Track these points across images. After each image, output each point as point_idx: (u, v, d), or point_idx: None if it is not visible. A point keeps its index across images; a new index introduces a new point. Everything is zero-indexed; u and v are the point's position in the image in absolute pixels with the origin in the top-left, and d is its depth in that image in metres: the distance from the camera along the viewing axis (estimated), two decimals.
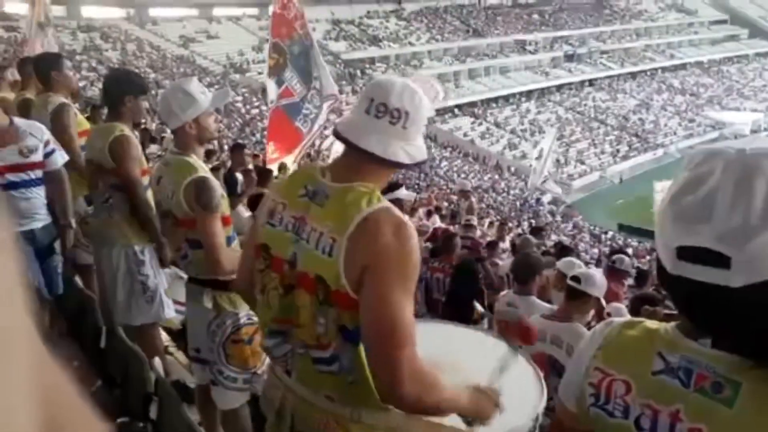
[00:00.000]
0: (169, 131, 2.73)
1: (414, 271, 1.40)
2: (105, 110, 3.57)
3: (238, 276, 1.86)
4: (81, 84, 24.19)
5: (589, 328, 3.37)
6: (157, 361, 3.06)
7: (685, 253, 0.86)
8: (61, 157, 3.34)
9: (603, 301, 3.48)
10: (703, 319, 0.91)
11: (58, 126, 3.71)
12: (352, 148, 1.52)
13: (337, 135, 1.56)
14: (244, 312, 2.53)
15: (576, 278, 3.22)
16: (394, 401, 1.40)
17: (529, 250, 5.96)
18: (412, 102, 1.51)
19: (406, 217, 1.44)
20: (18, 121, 3.26)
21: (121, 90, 3.20)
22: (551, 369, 3.04)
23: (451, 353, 1.86)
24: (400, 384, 1.33)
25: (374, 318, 1.37)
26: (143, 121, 8.60)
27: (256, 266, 1.61)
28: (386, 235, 1.38)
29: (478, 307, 5.03)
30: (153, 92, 22.78)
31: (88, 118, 4.92)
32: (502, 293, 4.25)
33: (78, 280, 3.87)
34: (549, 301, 4.16)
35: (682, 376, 0.91)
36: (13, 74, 5.43)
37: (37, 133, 3.24)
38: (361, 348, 1.43)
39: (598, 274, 3.31)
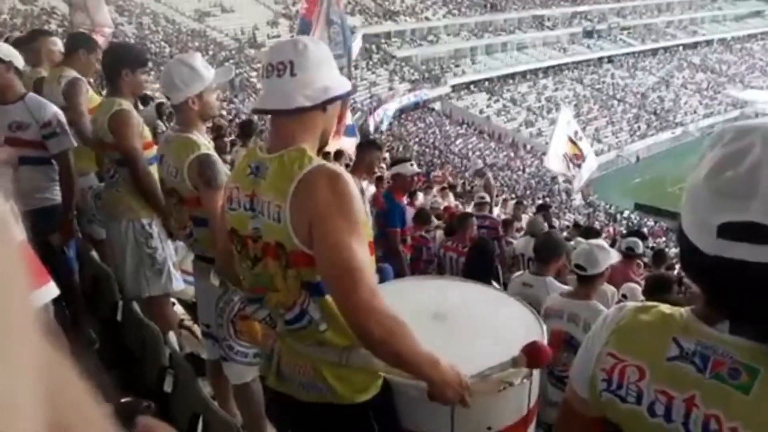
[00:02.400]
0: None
1: (355, 215, 1.47)
2: None
3: (217, 260, 1.98)
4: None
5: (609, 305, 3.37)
6: (171, 334, 3.10)
7: (728, 231, 0.83)
8: (66, 143, 3.24)
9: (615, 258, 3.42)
10: (740, 302, 0.88)
11: (69, 100, 3.71)
12: (268, 115, 1.66)
13: (253, 110, 1.70)
14: None
15: (579, 266, 3.18)
16: (363, 341, 1.45)
17: (550, 231, 5.93)
18: (295, 50, 1.57)
19: (341, 169, 1.53)
20: (30, 96, 3.25)
21: (118, 63, 3.14)
22: (567, 346, 3.06)
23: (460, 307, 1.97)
24: (364, 322, 1.40)
25: (327, 266, 1.46)
26: (155, 95, 8.60)
27: (234, 249, 1.71)
28: (321, 189, 1.46)
29: (495, 285, 5.01)
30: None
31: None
32: (518, 273, 4.23)
33: (95, 254, 3.91)
34: (565, 283, 4.13)
35: (697, 361, 0.89)
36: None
37: (36, 112, 3.16)
38: (328, 297, 1.51)
39: (597, 249, 3.22)
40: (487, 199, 8.03)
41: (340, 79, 1.66)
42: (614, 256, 3.34)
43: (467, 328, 1.88)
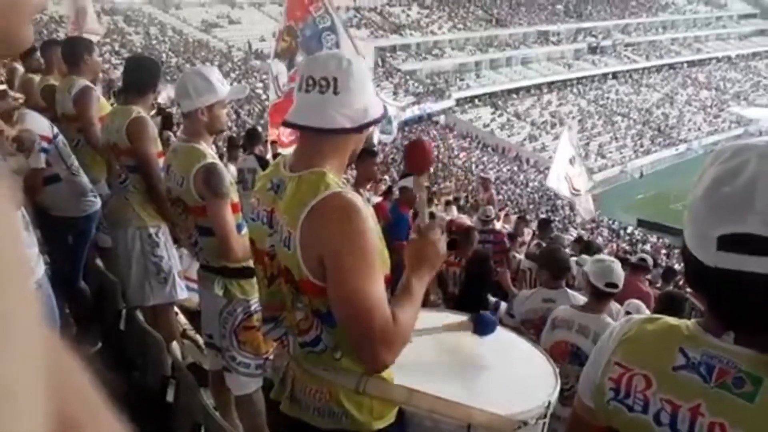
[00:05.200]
0: None
1: (368, 250, 1.41)
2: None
3: None
4: (104, 66, 24.39)
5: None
6: (174, 344, 3.10)
7: (727, 243, 0.86)
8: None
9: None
10: (741, 312, 0.91)
11: (80, 109, 3.75)
12: (299, 130, 1.56)
13: (284, 122, 1.60)
14: (255, 299, 2.54)
15: (614, 285, 3.21)
16: (378, 372, 1.47)
17: (558, 247, 5.93)
18: (339, 67, 1.49)
19: (356, 199, 1.44)
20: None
21: (154, 79, 3.26)
22: (574, 358, 3.07)
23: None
24: (378, 359, 1.41)
25: (341, 305, 1.42)
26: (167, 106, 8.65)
27: (252, 258, 1.69)
28: (333, 223, 1.40)
29: (491, 298, 5.00)
30: (174, 77, 22.87)
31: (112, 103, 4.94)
32: (533, 290, 4.23)
33: (99, 262, 3.92)
34: None
35: (703, 371, 0.92)
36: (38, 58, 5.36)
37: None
38: (340, 327, 1.47)
39: (619, 266, 3.30)
40: (493, 215, 8.01)
41: (376, 99, 1.58)
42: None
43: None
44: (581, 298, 3.59)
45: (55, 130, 3.37)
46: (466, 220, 10.10)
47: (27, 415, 0.28)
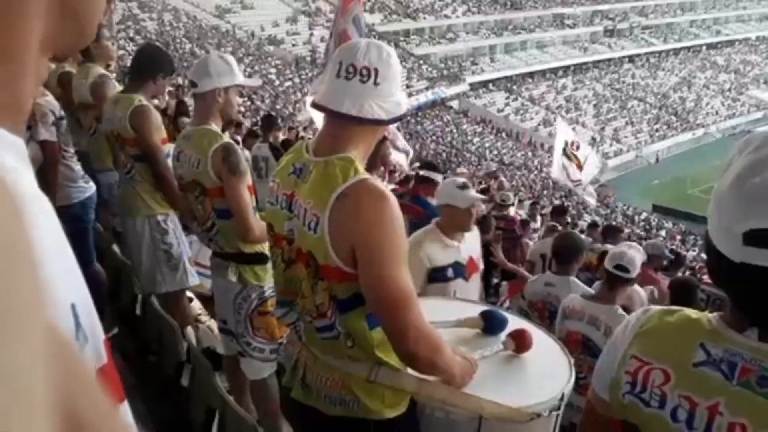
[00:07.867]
0: None
1: (400, 239, 1.44)
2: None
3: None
4: (119, 53, 24.47)
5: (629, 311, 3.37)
6: (189, 329, 3.14)
7: (755, 238, 0.83)
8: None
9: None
10: (767, 308, 0.88)
11: (97, 99, 3.77)
12: (330, 115, 1.54)
13: (314, 105, 1.59)
14: (269, 284, 2.55)
15: (623, 268, 3.16)
16: (407, 362, 1.49)
17: (569, 231, 5.90)
18: (380, 58, 1.50)
19: (385, 188, 1.46)
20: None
21: (156, 67, 3.22)
22: (585, 349, 3.06)
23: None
24: (412, 347, 1.43)
25: (375, 292, 1.44)
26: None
27: (269, 243, 1.70)
28: (365, 210, 1.40)
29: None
30: (187, 64, 22.91)
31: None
32: (539, 274, 4.22)
33: (116, 248, 3.97)
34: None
35: (725, 368, 0.89)
36: None
37: None
38: (352, 314, 1.49)
39: (636, 251, 3.24)
40: (510, 201, 7.95)
41: (403, 93, 1.59)
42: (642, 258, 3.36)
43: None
44: (583, 287, 3.55)
45: (62, 113, 3.36)
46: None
47: (31, 413, 0.27)
